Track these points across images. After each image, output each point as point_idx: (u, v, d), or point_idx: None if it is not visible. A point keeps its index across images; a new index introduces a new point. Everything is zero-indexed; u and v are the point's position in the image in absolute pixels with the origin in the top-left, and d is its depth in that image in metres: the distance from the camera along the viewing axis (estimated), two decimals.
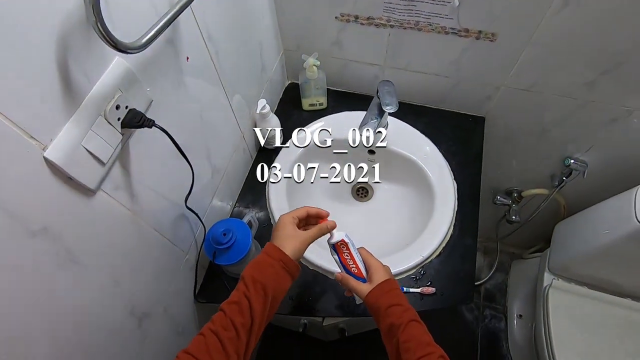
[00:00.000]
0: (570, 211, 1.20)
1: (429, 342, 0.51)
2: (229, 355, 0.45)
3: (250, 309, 0.49)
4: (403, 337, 0.51)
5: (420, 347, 0.50)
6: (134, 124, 0.44)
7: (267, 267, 0.53)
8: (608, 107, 0.87)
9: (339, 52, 0.95)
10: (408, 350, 0.50)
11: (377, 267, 0.61)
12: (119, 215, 0.49)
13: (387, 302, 0.55)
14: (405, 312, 0.54)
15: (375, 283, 0.58)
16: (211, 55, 0.64)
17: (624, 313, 1.10)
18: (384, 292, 0.57)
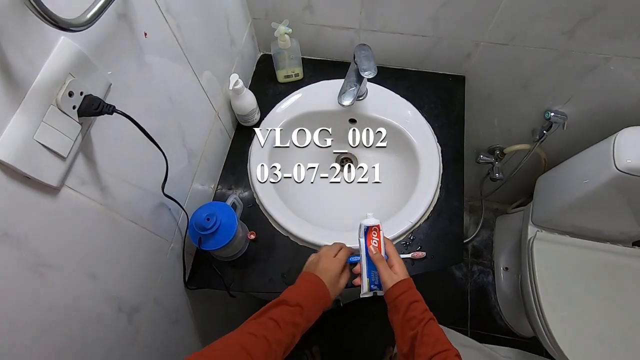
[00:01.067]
0: (551, 164, 1.22)
1: (447, 341, 0.54)
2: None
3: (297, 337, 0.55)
4: (425, 331, 0.54)
5: (439, 344, 0.53)
6: (92, 112, 0.41)
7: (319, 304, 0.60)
8: (586, 56, 0.86)
9: (311, 17, 0.90)
10: (427, 343, 0.53)
11: (401, 263, 0.64)
12: (89, 211, 0.46)
13: (411, 296, 0.59)
14: (427, 310, 0.58)
15: (402, 276, 0.61)
16: (172, 30, 0.59)
17: (604, 256, 1.15)
18: (409, 287, 0.60)
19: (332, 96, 0.89)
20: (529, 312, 1.16)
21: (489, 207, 1.68)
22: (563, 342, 1.03)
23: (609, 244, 1.16)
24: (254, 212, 0.83)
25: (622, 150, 0.89)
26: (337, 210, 0.90)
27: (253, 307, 1.39)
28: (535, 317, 1.11)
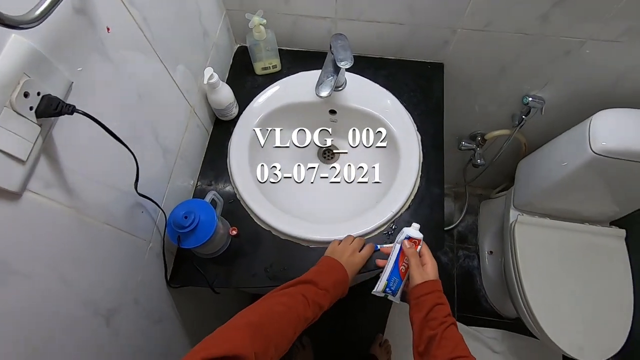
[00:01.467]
0: (531, 148, 1.24)
1: (466, 349, 0.54)
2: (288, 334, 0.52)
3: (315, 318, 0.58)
4: (444, 334, 0.55)
5: (458, 349, 0.53)
6: (52, 113, 0.39)
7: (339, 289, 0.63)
8: (561, 40, 0.87)
9: (286, 7, 0.88)
10: (446, 346, 0.54)
11: (430, 262, 0.65)
12: (57, 215, 0.45)
13: (437, 298, 0.60)
14: (450, 315, 0.59)
15: (431, 276, 0.62)
16: (138, 23, 0.57)
17: (582, 237, 1.18)
18: (436, 289, 0.61)
19: (311, 87, 0.87)
20: (512, 293, 1.19)
21: (473, 193, 1.70)
22: (544, 322, 1.07)
23: (587, 225, 1.19)
24: (235, 208, 0.82)
25: (597, 132, 0.91)
26: (319, 202, 0.90)
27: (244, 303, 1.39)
28: (518, 298, 1.14)
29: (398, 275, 0.64)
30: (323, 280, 0.60)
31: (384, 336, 1.44)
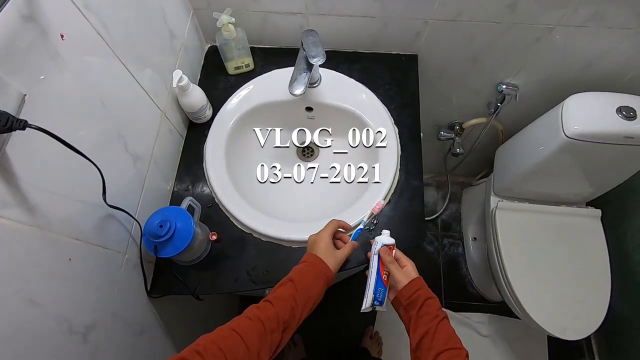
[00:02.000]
0: (507, 135, 1.25)
1: (459, 342, 0.55)
2: (269, 345, 0.49)
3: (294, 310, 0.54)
4: (437, 328, 0.55)
5: (451, 341, 0.54)
6: (1, 129, 0.37)
7: (314, 279, 0.59)
8: (530, 27, 0.87)
9: (255, 3, 0.86)
10: (439, 339, 0.54)
11: (408, 262, 0.66)
12: (18, 234, 0.43)
13: (427, 293, 0.60)
14: (441, 308, 0.59)
15: (413, 275, 0.63)
16: (95, 28, 0.54)
17: (560, 219, 1.21)
18: (421, 285, 0.62)
19: (286, 85, 0.85)
20: (496, 278, 1.21)
21: (455, 181, 1.72)
22: (527, 303, 1.09)
23: (564, 207, 1.22)
24: (214, 212, 0.81)
25: (569, 117, 0.93)
26: (300, 201, 0.89)
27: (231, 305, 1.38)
28: (501, 282, 1.16)
29: (382, 285, 0.65)
30: (287, 276, 0.59)
31: (374, 328, 1.46)
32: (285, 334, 0.53)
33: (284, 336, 0.52)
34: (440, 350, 0.52)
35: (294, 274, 0.58)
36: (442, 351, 0.52)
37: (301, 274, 0.59)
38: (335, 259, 0.63)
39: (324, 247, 0.63)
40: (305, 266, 0.61)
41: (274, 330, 0.50)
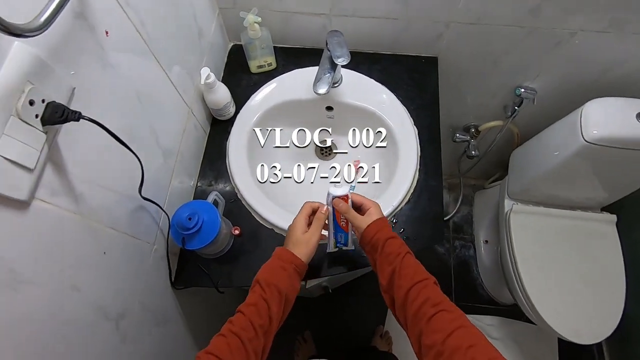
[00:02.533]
0: (523, 138, 1.26)
1: (425, 271, 0.55)
2: (249, 355, 0.48)
3: (269, 311, 0.52)
4: (402, 264, 0.55)
5: (418, 274, 0.53)
6: (57, 120, 0.39)
7: (281, 271, 0.57)
8: (552, 32, 0.88)
9: (280, 4, 0.88)
10: (405, 276, 0.53)
11: (371, 204, 0.64)
12: (64, 222, 0.44)
13: (385, 235, 0.59)
14: (403, 244, 0.58)
15: (374, 217, 0.62)
16: (135, 25, 0.56)
17: (575, 223, 1.21)
18: (381, 227, 0.60)
19: (307, 84, 0.87)
20: (509, 281, 1.21)
21: (467, 184, 1.73)
22: (540, 306, 1.09)
23: (579, 211, 1.22)
24: (237, 207, 0.82)
25: (588, 121, 0.93)
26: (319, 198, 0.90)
27: None
28: (515, 285, 1.17)
29: (342, 231, 0.68)
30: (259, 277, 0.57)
31: (384, 328, 1.47)
32: (267, 336, 0.52)
33: (267, 338, 0.52)
34: (409, 286, 0.52)
35: (259, 274, 0.57)
36: (410, 287, 0.52)
37: (266, 271, 0.57)
38: (306, 243, 0.61)
39: (293, 236, 0.62)
40: (271, 261, 0.59)
41: (252, 338, 0.49)
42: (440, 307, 0.48)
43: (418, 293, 0.51)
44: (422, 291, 0.51)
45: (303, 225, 0.63)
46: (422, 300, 0.50)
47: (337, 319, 1.50)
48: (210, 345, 0.48)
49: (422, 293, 0.51)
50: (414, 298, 0.51)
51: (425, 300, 0.49)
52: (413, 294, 0.51)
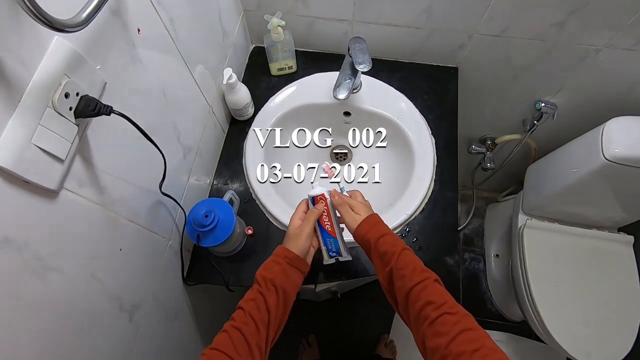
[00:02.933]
0: (540, 153, 1.24)
1: (423, 268, 0.52)
2: (252, 349, 0.48)
3: (266, 304, 0.52)
4: (398, 264, 0.52)
5: (416, 274, 0.51)
6: (90, 113, 0.40)
7: (274, 265, 0.58)
8: (576, 47, 0.87)
9: (304, 9, 0.89)
10: (404, 277, 0.51)
11: (364, 203, 0.64)
12: (89, 212, 0.46)
13: (377, 233, 0.57)
14: (396, 241, 0.56)
15: (364, 215, 0.60)
16: (165, 24, 0.58)
17: (591, 242, 1.19)
18: (371, 225, 0.58)
19: (326, 89, 0.88)
20: (520, 297, 1.19)
21: (480, 196, 1.71)
22: (551, 325, 1.07)
23: (596, 230, 1.20)
24: (251, 207, 0.83)
25: (610, 139, 0.92)
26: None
27: None
28: (526, 302, 1.15)
29: (329, 236, 0.64)
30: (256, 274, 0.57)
31: (389, 337, 1.46)
32: (269, 329, 0.52)
33: (269, 331, 0.52)
34: (409, 288, 0.50)
35: (257, 272, 0.57)
36: (410, 288, 0.50)
37: (262, 268, 0.58)
38: (297, 236, 0.61)
39: (287, 232, 0.63)
40: (268, 259, 0.60)
41: (253, 332, 0.50)
42: (442, 310, 0.46)
43: (418, 295, 0.49)
44: (422, 293, 0.49)
45: (297, 221, 0.63)
46: (423, 303, 0.48)
47: (342, 324, 1.50)
48: (215, 342, 0.49)
49: (422, 295, 0.49)
50: (415, 300, 0.49)
51: (427, 302, 0.48)
52: (413, 296, 0.49)
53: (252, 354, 0.48)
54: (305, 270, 0.61)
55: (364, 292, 1.47)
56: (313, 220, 0.63)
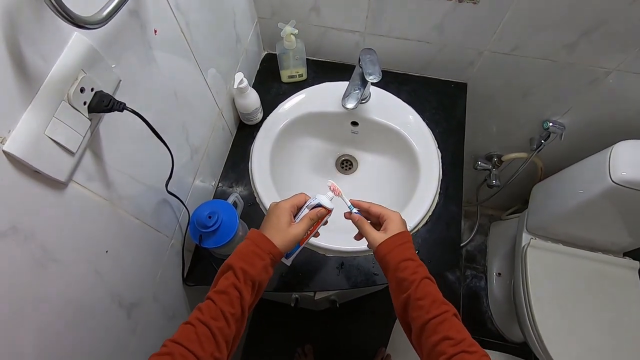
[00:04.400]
0: (547, 173, 1.24)
1: (443, 300, 0.50)
2: (219, 344, 0.45)
3: (241, 300, 0.48)
4: (416, 294, 0.50)
5: (435, 306, 0.49)
6: (103, 108, 0.41)
7: (257, 260, 0.51)
8: (587, 69, 0.87)
9: (318, 19, 0.90)
10: (421, 307, 0.49)
11: (392, 218, 0.58)
12: (95, 206, 0.46)
13: (399, 256, 0.53)
14: (418, 268, 0.53)
15: (390, 234, 0.55)
16: (181, 27, 0.59)
17: (595, 266, 1.17)
18: (396, 245, 0.54)
19: (335, 98, 0.89)
20: (521, 317, 1.18)
21: (484, 213, 1.70)
22: (552, 348, 1.05)
23: (600, 254, 1.19)
24: (254, 211, 0.83)
25: (617, 162, 0.91)
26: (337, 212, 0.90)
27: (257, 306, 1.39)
28: (527, 322, 1.13)
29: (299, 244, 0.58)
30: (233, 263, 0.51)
31: (386, 350, 1.43)
32: (239, 324, 0.49)
33: (239, 326, 0.49)
34: (425, 320, 0.48)
35: (233, 258, 0.51)
36: (427, 320, 0.48)
37: (241, 257, 0.51)
38: (287, 234, 0.54)
39: (275, 220, 0.55)
40: (246, 246, 0.53)
41: (222, 327, 0.46)
42: (460, 348, 0.44)
43: (435, 328, 0.47)
44: (440, 327, 0.47)
45: (287, 210, 0.57)
46: (440, 338, 0.46)
47: (340, 335, 1.48)
48: (178, 334, 0.45)
49: (439, 329, 0.47)
50: (431, 333, 0.47)
51: (444, 337, 0.46)
52: (430, 329, 0.47)
53: (220, 349, 0.45)
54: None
55: (364, 303, 1.46)
56: (310, 226, 0.58)
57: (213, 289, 0.49)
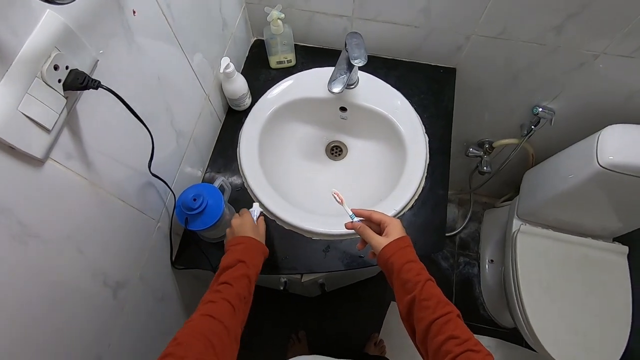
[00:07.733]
0: (538, 159, 1.24)
1: (447, 301, 0.52)
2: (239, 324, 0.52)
3: (249, 288, 0.57)
4: (422, 295, 0.52)
5: (439, 306, 0.50)
6: (78, 86, 0.41)
7: (260, 256, 0.64)
8: (575, 52, 0.87)
9: (305, 3, 0.90)
10: (427, 308, 0.51)
11: (393, 224, 0.61)
12: (75, 185, 0.47)
13: (403, 258, 0.56)
14: (421, 270, 0.55)
15: (392, 238, 0.58)
16: (162, 9, 0.59)
17: (584, 250, 1.18)
18: (399, 248, 0.57)
19: (324, 83, 0.88)
20: (510, 302, 1.19)
21: (478, 201, 1.71)
22: (541, 332, 1.07)
23: (590, 239, 1.19)
24: (242, 196, 0.84)
25: (605, 147, 0.91)
26: (324, 196, 0.91)
27: None
28: (516, 307, 1.14)
29: None
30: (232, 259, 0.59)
31: (379, 336, 1.45)
32: (246, 309, 0.57)
33: (246, 311, 0.56)
34: (430, 320, 0.49)
35: (240, 255, 0.59)
36: (432, 321, 0.49)
37: (247, 254, 0.60)
38: (261, 237, 0.67)
39: (250, 228, 0.66)
40: (246, 247, 0.62)
41: (240, 308, 0.53)
42: (466, 347, 0.45)
43: (440, 328, 0.48)
44: (445, 327, 0.48)
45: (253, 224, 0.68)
46: (445, 337, 0.47)
47: (333, 321, 1.50)
48: (205, 309, 0.50)
49: (444, 328, 0.48)
50: (437, 333, 0.48)
51: (450, 337, 0.47)
52: (435, 329, 0.49)
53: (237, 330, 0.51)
54: None
55: (357, 289, 1.48)
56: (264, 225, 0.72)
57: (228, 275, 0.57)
